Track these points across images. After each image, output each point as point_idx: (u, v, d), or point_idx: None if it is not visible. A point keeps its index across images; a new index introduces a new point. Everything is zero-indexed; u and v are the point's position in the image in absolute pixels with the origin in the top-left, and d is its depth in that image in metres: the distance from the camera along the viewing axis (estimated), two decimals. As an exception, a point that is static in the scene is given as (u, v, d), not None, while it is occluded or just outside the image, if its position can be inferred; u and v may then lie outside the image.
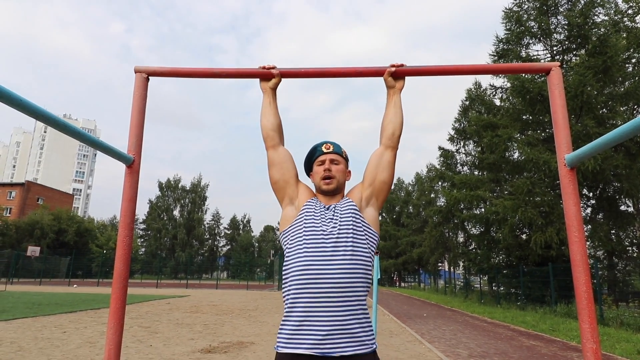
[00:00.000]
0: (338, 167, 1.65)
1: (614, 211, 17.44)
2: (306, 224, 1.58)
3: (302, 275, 1.48)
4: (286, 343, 1.47)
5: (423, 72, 1.72)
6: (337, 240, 1.52)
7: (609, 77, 15.98)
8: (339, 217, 1.58)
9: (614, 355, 7.62)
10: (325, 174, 1.61)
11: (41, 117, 1.15)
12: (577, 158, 1.39)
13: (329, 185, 1.62)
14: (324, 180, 1.62)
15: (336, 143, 1.71)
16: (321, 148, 1.67)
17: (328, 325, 1.43)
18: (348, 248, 1.51)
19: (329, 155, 1.66)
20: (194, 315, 12.62)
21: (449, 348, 8.15)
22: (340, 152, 1.69)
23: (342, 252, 1.50)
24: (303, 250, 1.52)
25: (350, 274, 1.48)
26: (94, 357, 6.30)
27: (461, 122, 30.38)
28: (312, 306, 1.45)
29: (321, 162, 1.66)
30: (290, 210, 1.66)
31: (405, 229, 55.27)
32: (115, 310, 1.49)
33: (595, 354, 1.33)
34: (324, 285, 1.46)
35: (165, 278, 56.50)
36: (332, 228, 1.55)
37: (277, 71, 1.66)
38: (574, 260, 1.42)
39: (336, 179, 1.62)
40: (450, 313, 16.51)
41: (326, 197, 1.65)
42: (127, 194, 1.56)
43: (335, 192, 1.64)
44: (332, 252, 1.50)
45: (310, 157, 1.70)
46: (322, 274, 1.47)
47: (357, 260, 1.51)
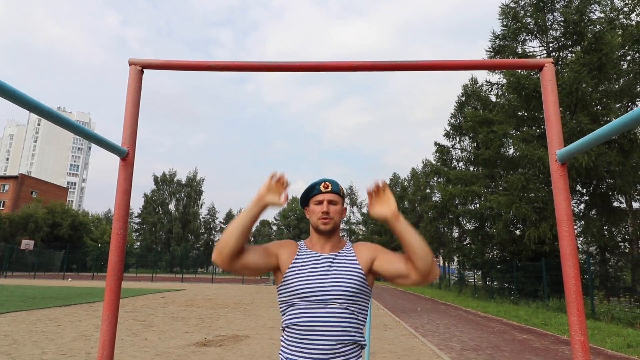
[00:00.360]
0: (335, 208, 1.64)
1: (606, 207, 17.60)
2: (299, 279, 1.55)
3: (300, 324, 1.50)
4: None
5: (418, 67, 1.72)
6: (330, 295, 1.51)
7: (604, 74, 16.05)
8: (337, 271, 1.57)
9: (604, 349, 7.72)
10: (322, 216, 1.61)
11: (35, 109, 1.15)
12: (568, 153, 1.40)
13: (326, 226, 1.61)
14: (322, 220, 1.62)
15: (334, 181, 1.69)
16: (319, 187, 1.66)
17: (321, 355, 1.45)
18: (342, 305, 1.51)
19: (327, 195, 1.65)
20: (189, 309, 12.64)
21: (442, 342, 8.22)
22: (338, 191, 1.68)
23: (334, 306, 1.51)
24: (298, 299, 1.53)
25: (344, 323, 1.49)
26: (89, 351, 6.31)
27: (457, 118, 30.47)
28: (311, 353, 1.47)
29: (319, 202, 1.65)
30: (280, 273, 1.65)
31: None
32: (110, 303, 1.50)
33: (583, 346, 1.35)
34: (318, 331, 1.47)
35: (160, 272, 56.46)
36: (327, 282, 1.53)
37: (285, 196, 1.60)
38: (563, 254, 1.44)
39: (333, 220, 1.63)
40: (444, 307, 16.64)
41: (322, 238, 1.65)
42: (121, 186, 1.56)
43: (332, 232, 1.65)
44: (325, 296, 1.51)
45: (308, 194, 1.69)
46: (318, 318, 1.49)
47: (349, 315, 1.51)
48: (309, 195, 1.69)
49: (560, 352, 7.35)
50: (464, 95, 29.07)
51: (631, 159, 16.01)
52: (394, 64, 1.73)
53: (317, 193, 1.66)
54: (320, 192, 1.65)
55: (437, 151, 30.87)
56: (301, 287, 1.52)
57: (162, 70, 1.75)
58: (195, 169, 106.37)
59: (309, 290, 1.51)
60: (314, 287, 1.51)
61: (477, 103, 24.72)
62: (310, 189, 1.68)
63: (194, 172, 74.83)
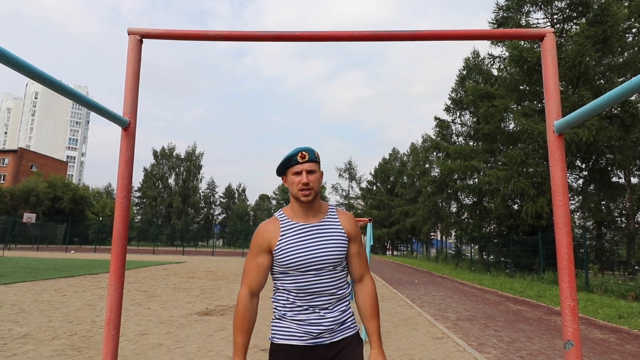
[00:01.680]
0: (314, 177, 1.67)
1: (605, 182, 17.67)
2: (289, 253, 1.64)
3: (293, 290, 1.64)
4: (281, 337, 1.63)
5: (419, 37, 1.71)
6: (322, 263, 1.64)
7: (608, 47, 15.80)
8: (325, 240, 1.66)
9: (596, 319, 7.93)
10: (302, 187, 1.64)
11: (36, 77, 1.15)
12: (566, 124, 1.42)
13: (307, 197, 1.64)
14: (302, 192, 1.64)
15: (310, 149, 1.70)
16: (297, 158, 1.66)
17: (321, 326, 1.61)
18: (333, 268, 1.66)
19: (305, 165, 1.65)
20: (190, 281, 12.88)
21: (438, 312, 8.44)
22: (315, 159, 1.69)
23: (326, 271, 1.65)
24: (292, 270, 1.64)
25: (335, 282, 1.66)
26: (94, 319, 6.47)
27: (458, 92, 30.12)
28: (305, 312, 1.63)
29: (297, 173, 1.66)
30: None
31: (399, 198, 55.78)
32: (116, 269, 1.55)
33: (572, 310, 1.41)
34: (314, 295, 1.63)
35: (161, 245, 57.14)
36: (317, 251, 1.64)
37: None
38: (557, 224, 1.48)
39: (314, 189, 1.66)
40: (440, 280, 16.95)
41: (303, 206, 1.69)
42: (124, 156, 1.58)
43: (313, 200, 1.68)
44: (317, 266, 1.63)
45: (285, 164, 1.70)
46: (312, 286, 1.63)
47: (338, 273, 1.68)
48: (286, 166, 1.69)
49: (552, 322, 7.56)
50: (466, 69, 28.64)
51: (632, 134, 15.97)
52: (395, 34, 1.71)
53: (294, 164, 1.66)
54: (298, 163, 1.66)
55: (437, 126, 30.67)
56: (293, 260, 1.61)
57: (161, 40, 1.74)
58: (194, 143, 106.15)
59: (301, 262, 1.61)
60: (306, 259, 1.61)
61: (479, 77, 24.42)
62: (288, 160, 1.68)
63: (193, 146, 74.69)
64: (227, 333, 5.82)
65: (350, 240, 1.71)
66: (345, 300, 1.69)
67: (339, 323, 1.64)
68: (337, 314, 1.63)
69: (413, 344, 5.57)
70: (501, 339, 6.11)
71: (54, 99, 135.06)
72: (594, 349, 5.56)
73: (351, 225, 1.73)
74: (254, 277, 1.66)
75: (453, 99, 30.37)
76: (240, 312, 1.64)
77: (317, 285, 1.62)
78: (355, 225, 1.75)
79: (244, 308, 1.64)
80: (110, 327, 1.51)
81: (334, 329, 1.63)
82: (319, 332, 1.60)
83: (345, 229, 1.71)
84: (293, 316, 1.62)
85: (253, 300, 1.67)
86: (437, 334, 6.29)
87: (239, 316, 1.63)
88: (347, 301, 1.70)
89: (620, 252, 16.71)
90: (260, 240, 1.67)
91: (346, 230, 1.71)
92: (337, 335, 1.63)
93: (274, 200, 77.89)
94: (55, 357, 4.42)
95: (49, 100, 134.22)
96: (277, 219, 1.71)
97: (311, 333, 1.60)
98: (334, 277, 1.65)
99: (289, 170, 1.69)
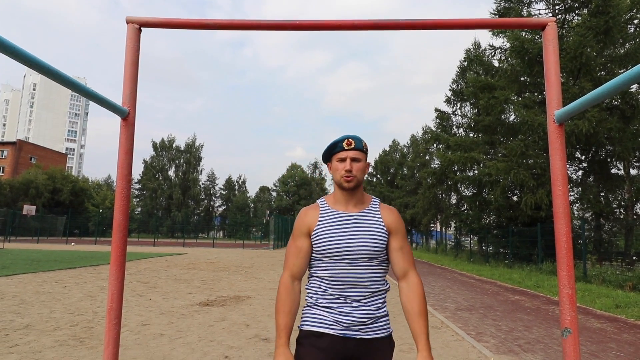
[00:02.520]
0: (358, 165, 1.65)
1: (604, 174, 17.69)
2: (326, 239, 1.63)
3: (325, 278, 1.62)
4: (311, 324, 1.61)
5: (420, 26, 1.70)
6: (358, 254, 1.61)
7: (610, 38, 15.70)
8: (363, 230, 1.64)
9: (594, 309, 7.99)
10: (345, 174, 1.63)
11: (35, 66, 1.15)
12: (566, 113, 1.42)
13: (349, 184, 1.64)
14: (345, 178, 1.64)
15: (358, 137, 1.69)
16: (342, 144, 1.66)
17: (352, 317, 1.58)
18: (369, 260, 1.62)
19: (350, 152, 1.65)
20: (191, 272, 12.94)
21: (437, 302, 8.49)
22: (361, 148, 1.68)
23: (362, 262, 1.61)
24: (326, 257, 1.62)
25: (370, 275, 1.61)
26: (96, 310, 6.51)
27: (458, 84, 30.04)
28: (336, 301, 1.60)
29: (341, 159, 1.65)
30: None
31: (399, 190, 55.80)
32: (116, 258, 1.55)
33: (570, 298, 1.42)
34: (347, 285, 1.60)
35: (162, 237, 57.29)
36: (354, 241, 1.62)
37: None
38: (556, 213, 1.49)
39: (357, 177, 1.64)
40: (440, 271, 17.04)
41: (345, 194, 1.68)
42: (123, 146, 1.58)
43: (355, 189, 1.67)
44: (351, 255, 1.60)
45: (331, 150, 1.70)
46: (345, 275, 1.60)
47: (375, 266, 1.63)
48: (331, 152, 1.69)
49: (550, 312, 7.61)
50: (467, 60, 28.52)
51: (632, 125, 15.93)
52: (396, 23, 1.70)
53: (339, 150, 1.66)
54: (343, 150, 1.65)
55: (438, 117, 30.65)
56: (329, 247, 1.60)
57: (160, 29, 1.73)
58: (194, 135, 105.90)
59: (337, 249, 1.59)
60: (342, 247, 1.59)
61: (480, 68, 24.30)
62: (333, 146, 1.67)
63: (193, 138, 74.54)
64: (228, 323, 5.87)
65: (392, 234, 1.67)
66: (380, 297, 1.64)
67: (371, 318, 1.59)
68: (370, 309, 1.59)
69: (412, 333, 5.62)
70: (499, 328, 6.16)
71: (53, 90, 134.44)
72: (591, 338, 5.61)
73: (393, 219, 1.68)
74: (295, 260, 1.66)
75: (454, 90, 30.29)
76: (281, 294, 1.62)
77: (350, 275, 1.59)
78: (398, 219, 1.70)
79: (286, 291, 1.62)
80: (112, 317, 1.52)
81: (365, 324, 1.58)
82: (350, 323, 1.57)
83: (385, 222, 1.67)
84: (325, 304, 1.60)
85: (294, 284, 1.65)
86: (437, 323, 6.34)
87: (280, 299, 1.62)
88: (382, 298, 1.65)
89: (618, 243, 16.78)
90: (301, 224, 1.68)
91: (387, 224, 1.66)
92: (369, 332, 1.59)
93: (273, 192, 77.97)
94: (57, 347, 4.45)
95: (47, 92, 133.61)
96: (319, 205, 1.72)
97: (341, 323, 1.57)
98: (369, 269, 1.61)
99: (334, 157, 1.68)
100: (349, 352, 1.56)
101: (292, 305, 1.61)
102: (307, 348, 1.57)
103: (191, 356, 4.28)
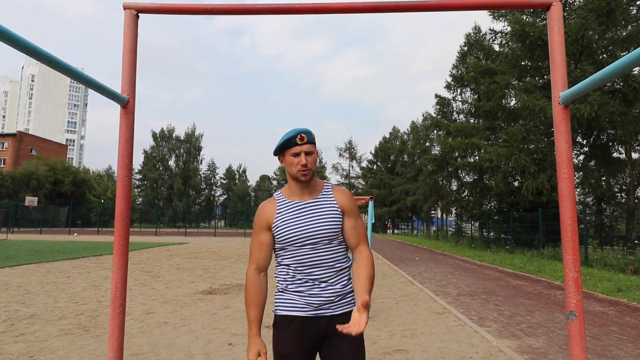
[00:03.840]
0: (312, 158, 1.72)
1: (606, 158, 17.63)
2: (285, 229, 1.70)
3: (292, 265, 1.71)
4: (284, 308, 1.71)
5: (421, 8, 1.67)
6: (317, 238, 1.69)
7: (612, 21, 15.51)
8: (319, 215, 1.71)
9: (596, 293, 8.04)
10: (302, 169, 1.68)
11: (33, 53, 1.13)
12: (572, 95, 1.40)
13: (306, 177, 1.70)
14: (301, 172, 1.69)
15: (308, 130, 1.73)
16: (296, 139, 1.69)
17: (321, 298, 1.68)
18: (329, 242, 1.71)
19: (303, 146, 1.70)
20: (193, 261, 13.02)
21: (439, 288, 8.54)
22: (312, 140, 1.74)
23: (322, 244, 1.70)
24: (289, 245, 1.71)
25: (333, 255, 1.71)
26: (100, 299, 6.56)
27: (459, 69, 29.77)
28: (305, 284, 1.69)
29: (296, 154, 1.70)
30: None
31: (399, 177, 55.83)
32: (119, 247, 1.55)
33: (576, 282, 1.42)
34: (312, 268, 1.69)
35: (163, 227, 57.53)
36: (311, 227, 1.70)
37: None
38: (562, 196, 1.48)
39: (312, 170, 1.71)
40: (441, 257, 17.12)
41: (299, 186, 1.74)
42: (123, 135, 1.57)
43: (310, 180, 1.74)
44: (312, 240, 1.69)
45: (284, 146, 1.73)
46: (309, 259, 1.69)
47: (335, 246, 1.72)
48: (284, 147, 1.72)
49: (552, 296, 7.66)
50: (467, 45, 28.24)
51: (634, 109, 15.83)
52: (396, 5, 1.67)
53: (293, 145, 1.70)
54: (297, 144, 1.70)
55: (438, 103, 30.45)
56: (290, 235, 1.68)
57: (157, 14, 1.70)
58: (194, 124, 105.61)
59: (297, 237, 1.68)
60: (302, 234, 1.68)
61: (480, 53, 24.09)
62: (287, 142, 1.71)
63: (192, 127, 74.37)
64: (232, 311, 5.91)
65: (345, 214, 1.75)
66: (345, 274, 1.73)
67: (339, 296, 1.69)
68: (337, 287, 1.69)
69: (415, 319, 5.66)
70: (501, 313, 6.20)
71: (51, 81, 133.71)
72: (594, 322, 5.65)
73: (345, 200, 1.77)
74: (258, 254, 1.75)
75: (454, 75, 30.04)
76: (249, 287, 1.72)
77: (314, 258, 1.68)
78: (349, 199, 1.78)
79: (252, 283, 1.72)
80: (116, 305, 1.52)
81: (333, 301, 1.68)
82: (320, 303, 1.66)
83: (339, 204, 1.75)
84: (294, 288, 1.69)
85: (260, 275, 1.74)
86: (438, 309, 6.38)
87: (248, 292, 1.72)
88: (347, 275, 1.74)
89: (620, 227, 16.81)
90: (260, 219, 1.76)
91: (340, 205, 1.75)
92: (338, 308, 1.69)
93: (274, 180, 78.00)
94: (62, 336, 4.49)
95: (46, 83, 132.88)
96: (275, 199, 1.80)
97: (312, 304, 1.66)
98: (331, 250, 1.70)
99: (287, 152, 1.72)
100: (321, 330, 1.67)
101: (260, 297, 1.72)
102: (282, 332, 1.67)
103: (195, 344, 4.32)
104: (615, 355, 4.21)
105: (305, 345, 1.65)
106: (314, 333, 1.67)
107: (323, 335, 1.67)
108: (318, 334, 1.67)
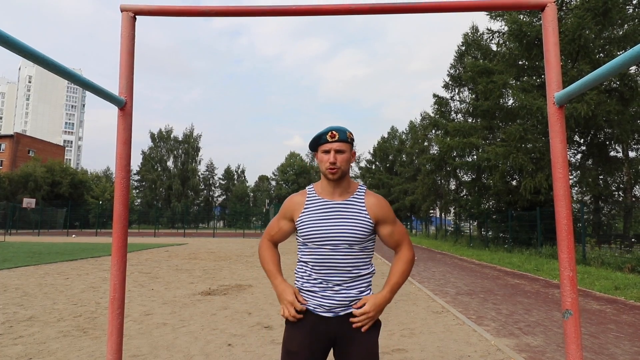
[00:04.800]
0: (343, 157, 1.70)
1: (603, 157, 17.69)
2: (309, 226, 1.71)
3: (310, 262, 1.71)
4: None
5: (418, 9, 1.68)
6: (339, 240, 1.68)
7: (608, 20, 15.55)
8: (346, 218, 1.71)
9: (593, 291, 8.06)
10: (330, 166, 1.68)
11: (29, 56, 1.13)
12: (566, 95, 1.41)
13: (334, 175, 1.68)
14: (329, 170, 1.69)
15: (342, 129, 1.71)
16: (326, 137, 1.69)
17: (334, 300, 1.67)
18: (350, 246, 1.70)
19: (334, 144, 1.69)
20: (192, 262, 13.00)
21: (437, 287, 8.56)
22: (346, 139, 1.71)
23: (343, 247, 1.69)
24: (310, 242, 1.72)
25: (352, 260, 1.69)
26: (98, 301, 6.56)
27: (457, 69, 29.83)
28: (319, 285, 1.69)
29: (326, 151, 1.70)
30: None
31: (398, 177, 55.84)
32: (118, 248, 1.55)
33: (571, 280, 1.43)
34: (329, 270, 1.69)
35: (162, 228, 57.42)
36: (335, 228, 1.69)
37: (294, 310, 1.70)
38: (557, 196, 1.49)
39: (341, 169, 1.69)
40: (440, 256, 17.14)
41: (330, 184, 1.74)
42: (121, 136, 1.57)
43: (340, 179, 1.73)
44: (333, 242, 1.68)
45: (317, 141, 1.74)
46: (327, 260, 1.69)
47: (356, 252, 1.70)
48: (317, 143, 1.73)
49: (550, 295, 7.68)
50: (464, 45, 28.29)
51: (631, 107, 15.88)
52: (394, 6, 1.68)
53: (324, 142, 1.70)
54: (327, 142, 1.69)
55: (436, 103, 30.49)
56: (311, 232, 1.68)
57: (155, 16, 1.70)
58: (192, 125, 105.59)
59: (319, 235, 1.67)
60: (323, 234, 1.67)
61: (478, 52, 24.14)
62: (318, 138, 1.71)
63: (191, 128, 74.29)
64: (231, 312, 5.91)
65: (379, 223, 1.74)
66: (363, 281, 1.71)
67: (353, 301, 1.68)
68: (353, 293, 1.67)
69: (414, 318, 5.67)
70: (500, 311, 6.22)
71: (49, 82, 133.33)
72: (591, 320, 5.67)
73: (378, 208, 1.74)
74: (274, 234, 1.84)
75: (452, 75, 30.09)
76: (263, 250, 1.83)
77: (332, 260, 1.67)
78: (383, 208, 1.75)
79: (266, 247, 1.83)
80: (115, 306, 1.53)
81: (347, 306, 1.66)
82: (331, 305, 1.66)
83: (370, 212, 1.72)
84: (309, 287, 1.70)
85: (273, 245, 1.85)
86: (437, 308, 6.40)
87: (263, 254, 1.82)
88: (365, 282, 1.72)
89: (617, 225, 16.87)
90: (286, 209, 1.80)
91: (372, 214, 1.72)
92: (351, 310, 1.68)
93: (273, 181, 77.91)
94: (61, 338, 4.49)
95: (43, 84, 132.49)
96: (306, 192, 1.80)
97: (323, 306, 1.66)
98: (351, 255, 1.67)
99: (319, 148, 1.73)
100: (332, 330, 1.66)
101: (275, 257, 1.81)
102: (294, 329, 1.68)
103: (194, 344, 4.32)
104: (612, 353, 4.23)
105: (314, 345, 1.65)
106: (325, 334, 1.66)
107: (334, 338, 1.67)
108: (329, 336, 1.66)
